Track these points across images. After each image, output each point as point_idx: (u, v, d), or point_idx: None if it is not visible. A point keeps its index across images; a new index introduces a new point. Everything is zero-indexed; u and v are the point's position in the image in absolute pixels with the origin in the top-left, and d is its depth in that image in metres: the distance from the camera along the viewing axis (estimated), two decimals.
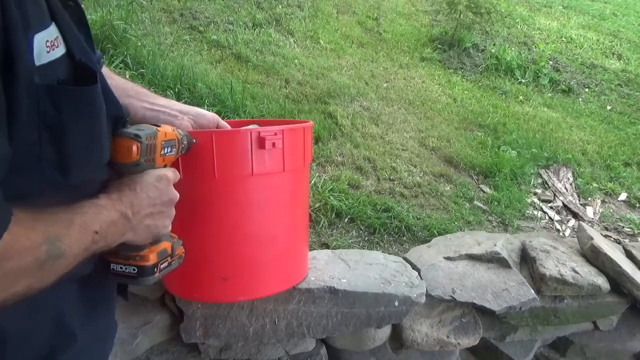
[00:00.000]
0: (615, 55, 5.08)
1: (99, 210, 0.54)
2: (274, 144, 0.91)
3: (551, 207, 2.49)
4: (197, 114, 0.91)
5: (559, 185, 2.69)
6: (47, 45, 0.46)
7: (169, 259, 0.68)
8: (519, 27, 5.25)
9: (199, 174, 0.91)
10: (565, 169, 2.88)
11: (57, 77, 0.48)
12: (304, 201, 1.12)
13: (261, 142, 0.90)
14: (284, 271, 1.12)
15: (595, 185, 2.77)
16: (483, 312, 1.45)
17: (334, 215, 1.96)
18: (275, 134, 0.92)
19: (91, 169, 0.55)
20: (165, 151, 0.67)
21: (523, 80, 4.31)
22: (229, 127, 0.98)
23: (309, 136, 1.05)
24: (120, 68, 2.33)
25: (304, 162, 1.04)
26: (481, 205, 2.35)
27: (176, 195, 0.67)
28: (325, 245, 1.80)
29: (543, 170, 2.83)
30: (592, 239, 1.61)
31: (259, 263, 1.03)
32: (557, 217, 2.42)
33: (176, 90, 2.42)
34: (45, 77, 0.46)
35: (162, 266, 0.66)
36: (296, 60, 3.48)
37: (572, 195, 2.64)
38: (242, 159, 0.91)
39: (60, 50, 0.49)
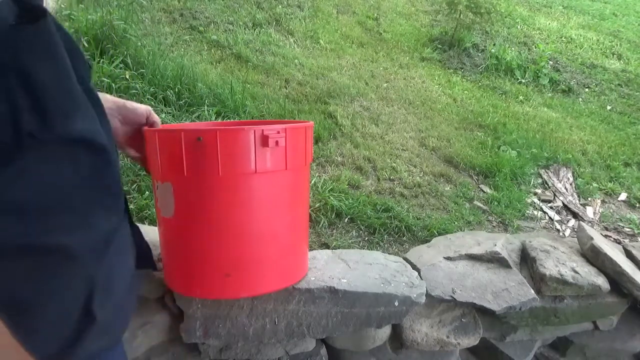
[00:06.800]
0: (615, 55, 5.08)
1: None
2: (277, 142, 0.92)
3: (551, 207, 2.49)
4: (127, 110, 0.90)
5: (559, 185, 2.69)
6: None
7: None
8: (519, 27, 5.25)
9: (203, 171, 0.91)
10: (565, 169, 2.88)
11: (5, 20, 0.47)
12: (304, 200, 1.12)
13: (264, 140, 0.91)
14: (285, 269, 1.12)
15: (595, 185, 2.77)
16: (483, 312, 1.45)
17: (334, 215, 1.96)
18: (279, 132, 0.92)
19: (66, 110, 0.52)
20: None
21: (523, 80, 4.31)
22: (159, 121, 0.98)
23: (310, 135, 1.05)
24: (120, 68, 2.33)
25: (305, 161, 1.04)
26: (481, 205, 2.35)
27: None
28: (325, 245, 1.80)
29: (543, 170, 2.83)
30: (592, 239, 1.61)
31: (261, 260, 1.03)
32: (557, 217, 2.42)
33: (176, 90, 2.42)
34: None
35: None
36: (296, 60, 3.48)
37: (572, 195, 2.64)
38: (246, 156, 0.91)
39: None
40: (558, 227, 2.34)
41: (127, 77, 2.25)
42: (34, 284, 0.53)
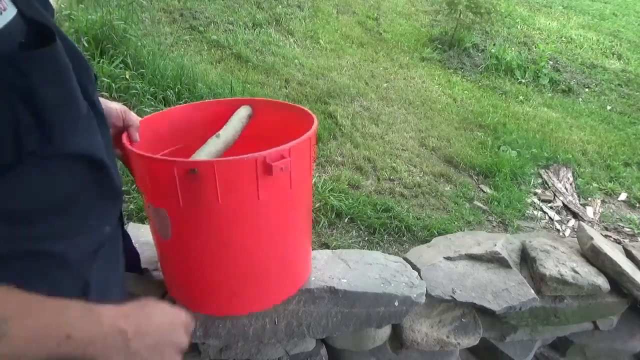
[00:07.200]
0: (615, 55, 5.08)
1: (89, 316, 0.48)
2: (282, 169, 0.81)
3: (551, 207, 2.49)
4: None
5: (559, 185, 2.69)
6: None
7: None
8: (519, 27, 5.25)
9: (200, 201, 0.84)
10: (565, 169, 2.88)
11: (15, 41, 0.46)
12: (307, 206, 1.08)
13: (268, 169, 0.80)
14: (292, 277, 1.10)
15: (595, 185, 2.77)
16: (483, 312, 1.45)
17: (334, 215, 1.96)
18: (283, 156, 0.81)
19: (70, 127, 0.53)
20: None
21: (523, 80, 4.31)
22: (137, 120, 0.90)
23: (314, 140, 0.97)
24: (120, 68, 2.33)
25: (310, 169, 0.98)
26: (481, 205, 2.35)
27: (184, 343, 0.59)
28: (325, 245, 1.80)
29: (543, 170, 2.83)
30: (592, 239, 1.60)
31: (268, 275, 1.00)
32: (557, 217, 2.42)
33: (176, 90, 2.42)
34: (3, 45, 0.44)
35: None
36: (296, 60, 3.48)
37: (572, 195, 2.64)
38: (248, 186, 0.82)
39: (10, 12, 0.46)
40: (558, 227, 2.34)
41: (127, 77, 2.26)
42: (29, 286, 0.53)
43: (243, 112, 1.12)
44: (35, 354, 0.44)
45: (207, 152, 0.95)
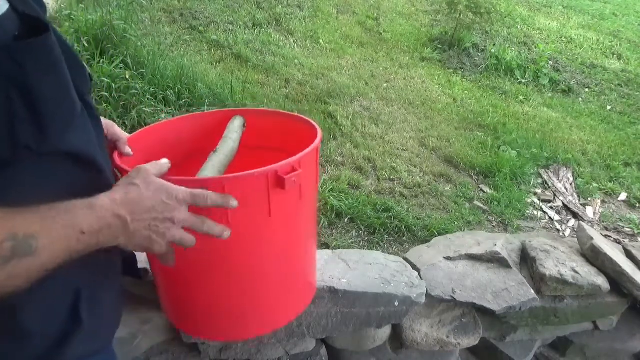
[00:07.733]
0: (615, 55, 5.08)
1: (92, 211, 0.53)
2: (294, 181, 0.79)
3: (551, 207, 2.49)
4: None
5: (559, 185, 2.69)
6: None
7: None
8: (519, 27, 5.25)
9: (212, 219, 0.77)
10: (565, 169, 2.87)
11: (9, 33, 0.47)
12: (314, 215, 1.04)
13: (280, 182, 0.77)
14: (304, 292, 1.07)
15: (595, 185, 2.77)
16: (483, 312, 1.45)
17: (334, 215, 1.97)
18: (294, 168, 0.79)
19: (64, 123, 0.53)
20: None
21: (523, 80, 4.31)
22: (123, 134, 0.87)
23: (318, 151, 0.93)
24: (120, 68, 2.33)
25: (316, 178, 0.95)
26: (481, 205, 2.35)
27: (181, 217, 0.62)
28: (325, 245, 1.80)
29: (543, 170, 2.83)
30: (592, 239, 1.60)
31: (279, 296, 0.96)
32: (557, 217, 2.42)
33: (176, 90, 2.42)
34: None
35: None
36: (296, 60, 3.48)
37: (572, 195, 2.64)
38: (259, 202, 0.79)
39: (3, 6, 0.47)
40: (558, 227, 2.34)
41: (127, 77, 2.25)
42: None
43: (237, 123, 1.08)
44: (61, 257, 0.51)
45: (210, 167, 0.89)
